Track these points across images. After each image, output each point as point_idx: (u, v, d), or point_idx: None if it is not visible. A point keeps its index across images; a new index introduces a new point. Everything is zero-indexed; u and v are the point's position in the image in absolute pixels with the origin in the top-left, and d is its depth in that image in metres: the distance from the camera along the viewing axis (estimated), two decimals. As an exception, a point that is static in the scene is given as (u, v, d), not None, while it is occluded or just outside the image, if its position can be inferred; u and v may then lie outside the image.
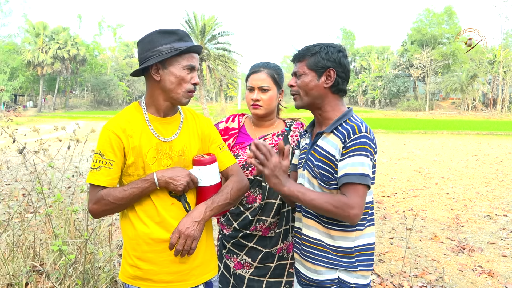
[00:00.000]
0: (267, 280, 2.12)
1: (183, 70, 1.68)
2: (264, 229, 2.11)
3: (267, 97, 2.10)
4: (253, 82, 2.12)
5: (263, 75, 2.11)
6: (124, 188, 1.65)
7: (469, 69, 45.33)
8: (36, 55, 50.34)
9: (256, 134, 2.19)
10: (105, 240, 3.58)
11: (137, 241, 1.71)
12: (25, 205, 4.36)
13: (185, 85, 1.70)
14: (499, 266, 4.38)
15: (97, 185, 1.65)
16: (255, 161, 1.62)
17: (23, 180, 6.51)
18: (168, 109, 1.75)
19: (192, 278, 1.76)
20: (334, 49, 1.72)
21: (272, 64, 2.19)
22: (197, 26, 37.10)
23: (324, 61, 1.70)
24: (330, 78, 1.71)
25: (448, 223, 6.02)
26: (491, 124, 31.19)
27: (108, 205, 1.65)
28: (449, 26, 53.00)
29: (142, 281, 1.72)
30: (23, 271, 2.95)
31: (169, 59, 1.67)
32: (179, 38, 1.69)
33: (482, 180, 9.43)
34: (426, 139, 20.66)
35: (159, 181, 1.65)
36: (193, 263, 1.75)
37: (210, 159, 1.75)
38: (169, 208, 1.72)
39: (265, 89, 2.10)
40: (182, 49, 1.66)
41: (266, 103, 2.11)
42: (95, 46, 65.07)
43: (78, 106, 59.58)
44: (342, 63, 1.72)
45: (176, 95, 1.70)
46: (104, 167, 1.65)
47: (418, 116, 44.32)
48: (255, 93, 2.11)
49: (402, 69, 53.88)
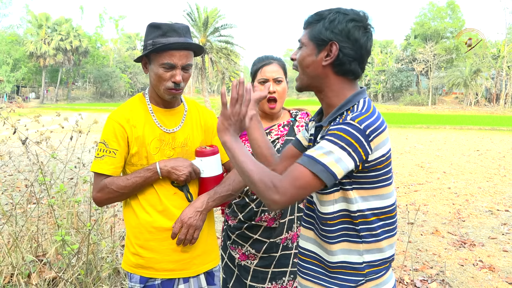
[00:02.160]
0: (272, 270, 2.14)
1: (160, 67, 1.65)
2: (269, 220, 2.11)
3: (281, 88, 2.10)
4: (267, 74, 2.08)
5: (275, 66, 2.10)
6: (127, 177, 1.67)
7: (473, 64, 45.09)
8: (38, 46, 50.30)
9: (264, 125, 2.17)
10: (107, 231, 3.59)
11: (140, 230, 1.73)
12: (27, 195, 4.38)
13: (164, 82, 1.67)
14: (499, 261, 4.39)
15: (101, 173, 1.68)
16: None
17: (26, 171, 6.53)
18: (165, 102, 1.76)
19: (193, 267, 1.78)
20: (344, 17, 1.32)
21: (278, 57, 2.19)
22: (199, 19, 36.96)
23: (326, 32, 1.32)
24: (330, 54, 1.32)
25: (450, 218, 6.02)
26: (494, 119, 31.07)
27: (112, 193, 1.68)
28: (453, 20, 52.66)
29: (144, 270, 1.74)
30: (26, 261, 2.97)
31: (152, 55, 1.67)
32: (162, 33, 1.65)
33: (484, 175, 9.42)
34: (429, 134, 20.61)
35: (162, 170, 1.67)
36: (194, 252, 1.77)
37: (212, 150, 1.76)
38: (172, 198, 1.74)
39: (280, 80, 2.10)
40: (159, 45, 1.62)
41: (280, 94, 2.10)
42: (97, 38, 64.95)
43: (80, 98, 59.64)
44: (352, 37, 1.30)
45: (159, 91, 1.71)
46: (108, 156, 1.68)
47: (420, 110, 44.15)
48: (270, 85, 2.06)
49: (405, 63, 53.67)
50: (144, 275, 1.74)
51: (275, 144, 2.12)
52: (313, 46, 1.35)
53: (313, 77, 1.38)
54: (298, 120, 2.19)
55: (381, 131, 1.28)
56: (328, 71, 1.35)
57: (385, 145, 1.31)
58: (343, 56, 1.31)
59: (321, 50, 1.34)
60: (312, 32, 1.36)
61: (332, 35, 1.31)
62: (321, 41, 1.33)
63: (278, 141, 2.12)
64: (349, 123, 1.24)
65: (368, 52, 1.35)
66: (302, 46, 1.39)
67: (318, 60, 1.35)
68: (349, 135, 1.22)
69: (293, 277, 2.15)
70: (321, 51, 1.34)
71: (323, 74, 1.36)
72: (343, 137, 1.22)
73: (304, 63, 1.38)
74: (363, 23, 1.33)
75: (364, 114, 1.27)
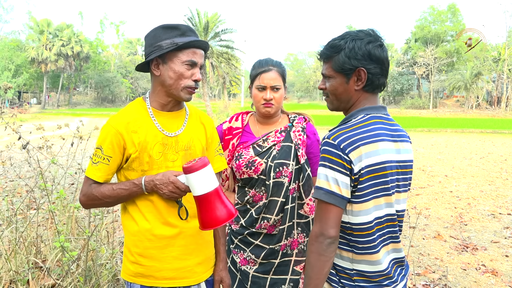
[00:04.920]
0: (271, 277, 2.12)
1: (183, 65, 1.65)
2: (269, 227, 2.11)
3: (278, 95, 2.11)
4: (265, 81, 2.10)
5: (274, 73, 2.11)
6: (113, 187, 1.66)
7: (473, 67, 45.06)
8: (40, 52, 50.51)
9: (260, 131, 2.19)
10: (107, 237, 3.58)
11: (139, 237, 1.70)
12: (28, 201, 4.37)
13: (185, 80, 1.66)
14: (502, 265, 4.36)
15: (91, 178, 1.68)
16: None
17: (27, 177, 6.53)
18: (171, 105, 1.74)
19: (194, 275, 1.75)
20: (361, 42, 1.44)
21: (278, 62, 2.19)
22: (200, 23, 37.05)
23: (350, 61, 1.44)
24: (361, 79, 1.46)
25: (452, 222, 5.99)
26: (495, 123, 31.03)
27: (95, 200, 1.68)
28: (453, 24, 52.69)
29: (144, 278, 1.71)
30: (25, 268, 2.95)
31: (169, 54, 1.65)
32: (181, 33, 1.66)
33: (486, 179, 9.38)
34: (430, 137, 20.59)
35: (146, 186, 1.64)
36: (195, 260, 1.75)
37: (197, 164, 1.54)
38: (171, 208, 1.70)
39: (278, 88, 2.11)
40: (181, 43, 1.63)
41: (277, 101, 2.12)
42: (98, 43, 65.17)
43: (82, 103, 59.75)
44: (374, 57, 1.44)
45: (175, 91, 1.67)
46: (101, 163, 1.67)
47: (421, 114, 44.11)
48: (267, 93, 2.10)
49: (406, 66, 53.65)
50: (144, 284, 1.71)
51: (271, 150, 2.11)
52: (342, 76, 1.48)
53: (346, 101, 1.52)
54: (295, 125, 2.17)
55: (362, 144, 1.38)
56: (360, 92, 1.49)
57: (371, 156, 1.39)
58: (372, 76, 1.45)
59: (350, 77, 1.47)
60: (336, 64, 1.48)
61: (356, 62, 1.44)
62: (349, 70, 1.46)
63: (275, 147, 2.12)
64: (326, 142, 1.40)
65: (388, 63, 1.48)
66: (329, 78, 1.52)
67: (350, 87, 1.48)
68: (328, 153, 1.37)
69: (293, 285, 2.13)
70: (350, 78, 1.47)
71: (354, 95, 1.50)
72: (326, 158, 1.37)
73: (337, 92, 1.51)
74: (378, 41, 1.46)
75: (342, 130, 1.41)
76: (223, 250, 1.90)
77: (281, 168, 2.07)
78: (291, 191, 2.09)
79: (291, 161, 2.09)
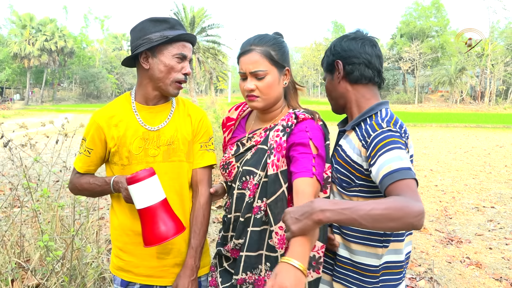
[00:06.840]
0: None
1: (173, 58, 1.62)
2: (231, 250, 1.63)
3: (263, 84, 1.54)
4: (243, 66, 1.56)
5: (255, 55, 1.54)
6: (90, 180, 1.71)
7: (458, 62, 45.70)
8: (22, 47, 49.53)
9: (253, 127, 1.71)
10: (93, 235, 3.53)
11: (119, 232, 1.72)
12: (11, 199, 4.28)
13: (175, 74, 1.64)
14: (486, 257, 4.44)
15: (75, 167, 1.76)
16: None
17: (10, 175, 6.41)
18: (157, 99, 1.71)
19: (171, 275, 1.72)
20: (337, 40, 1.57)
21: (269, 37, 1.60)
22: (186, 18, 36.80)
23: (330, 57, 1.56)
24: (338, 69, 1.53)
25: (437, 215, 6.07)
26: (479, 117, 31.53)
27: (75, 190, 1.77)
28: (437, 19, 53.34)
29: (124, 272, 1.73)
30: (8, 268, 2.90)
31: (158, 47, 1.62)
32: (171, 26, 1.64)
33: (470, 173, 9.53)
34: (415, 132, 20.81)
35: (114, 186, 1.64)
36: (172, 260, 1.72)
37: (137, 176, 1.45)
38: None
39: (260, 73, 1.53)
40: (172, 36, 1.60)
41: (264, 92, 1.55)
42: (83, 38, 64.24)
43: (66, 99, 58.90)
44: (347, 48, 1.51)
45: (164, 85, 1.65)
46: (83, 154, 1.73)
47: (407, 109, 44.61)
48: (247, 81, 1.56)
49: (391, 62, 54.12)
50: (124, 278, 1.72)
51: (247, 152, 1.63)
52: (329, 74, 1.59)
53: (337, 97, 1.58)
54: (279, 122, 1.59)
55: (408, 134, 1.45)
56: (344, 84, 1.55)
57: (411, 147, 1.48)
58: (348, 65, 1.51)
59: (333, 73, 1.57)
60: (324, 66, 1.61)
61: (333, 57, 1.55)
62: (330, 66, 1.57)
63: (252, 150, 1.62)
64: (387, 130, 1.36)
65: (371, 55, 1.51)
66: (324, 80, 1.63)
67: (334, 81, 1.57)
68: (395, 137, 1.33)
69: None
70: (333, 73, 1.57)
71: (342, 89, 1.55)
72: (395, 141, 1.32)
73: (328, 91, 1.61)
74: (355, 34, 1.55)
75: (393, 118, 1.43)
76: (191, 254, 1.67)
77: (248, 177, 1.57)
78: (254, 210, 1.53)
79: (259, 170, 1.55)
